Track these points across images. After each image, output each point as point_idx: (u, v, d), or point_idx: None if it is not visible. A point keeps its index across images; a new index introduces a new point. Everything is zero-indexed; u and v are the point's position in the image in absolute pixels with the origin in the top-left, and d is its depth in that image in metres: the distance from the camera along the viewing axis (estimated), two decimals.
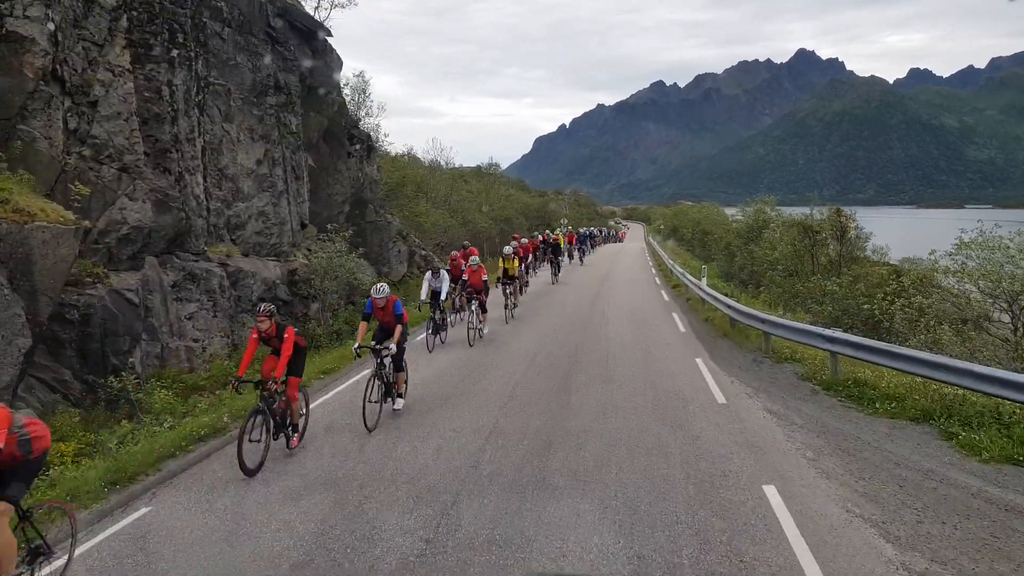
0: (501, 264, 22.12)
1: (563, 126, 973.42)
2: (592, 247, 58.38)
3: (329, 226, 24.22)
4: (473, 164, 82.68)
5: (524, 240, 31.71)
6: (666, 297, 27.41)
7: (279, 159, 23.02)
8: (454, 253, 23.06)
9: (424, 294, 17.61)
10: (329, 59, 27.58)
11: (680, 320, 21.17)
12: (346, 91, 37.56)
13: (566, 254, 42.84)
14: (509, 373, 14.35)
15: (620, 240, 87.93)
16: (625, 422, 10.80)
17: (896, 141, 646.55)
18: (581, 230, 56.42)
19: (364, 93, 37.56)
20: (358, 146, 29.94)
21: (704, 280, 23.56)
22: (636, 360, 15.38)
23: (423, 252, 40.76)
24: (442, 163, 69.95)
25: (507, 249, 22.54)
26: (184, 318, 17.97)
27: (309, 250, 24.38)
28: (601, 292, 28.63)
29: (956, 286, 19.48)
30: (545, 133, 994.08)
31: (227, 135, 20.74)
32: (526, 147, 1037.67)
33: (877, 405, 11.47)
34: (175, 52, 18.31)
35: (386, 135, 45.23)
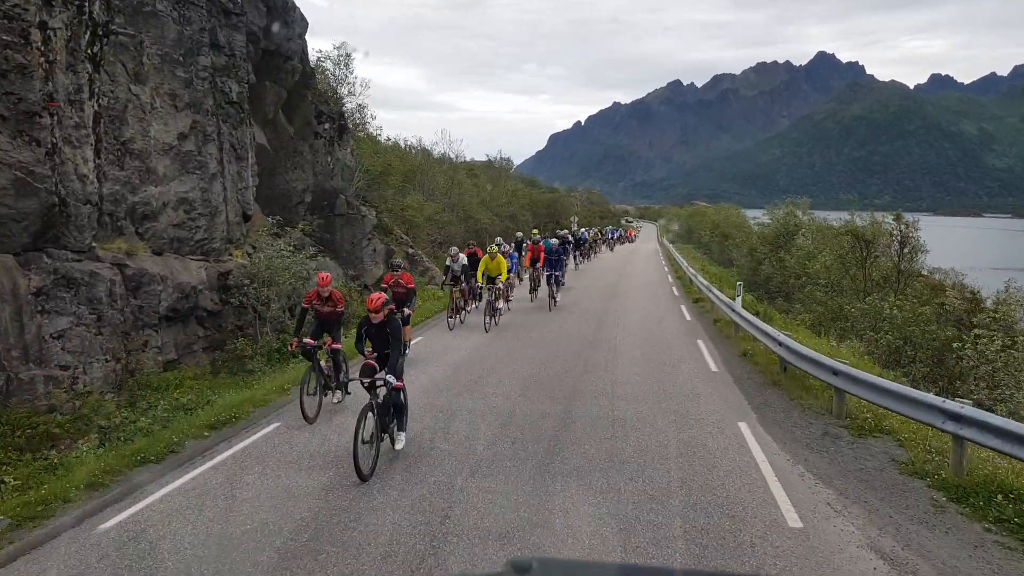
0: None
1: (578, 123, 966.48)
2: (584, 256, 41.75)
3: (271, 219, 19.70)
4: (487, 159, 78.22)
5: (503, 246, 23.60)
6: (687, 315, 22.76)
7: (213, 134, 18.50)
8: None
9: None
10: (290, 18, 23.04)
11: (709, 353, 16.54)
12: (326, 64, 33.10)
13: (525, 281, 27.29)
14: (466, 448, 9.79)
15: (630, 239, 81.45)
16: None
17: (914, 147, 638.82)
18: (554, 237, 30.99)
19: (347, 68, 32.96)
20: (327, 125, 25.39)
21: (739, 301, 18.92)
22: (654, 424, 10.78)
23: (410, 250, 36.41)
24: (452, 156, 65.73)
25: None
26: (50, 337, 13.44)
27: (254, 247, 19.88)
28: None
29: None
30: (560, 130, 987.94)
31: (135, 100, 16.22)
32: (541, 143, 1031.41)
33: None
34: None
35: (373, 117, 40.59)
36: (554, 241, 26.59)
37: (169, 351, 16.40)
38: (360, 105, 35.25)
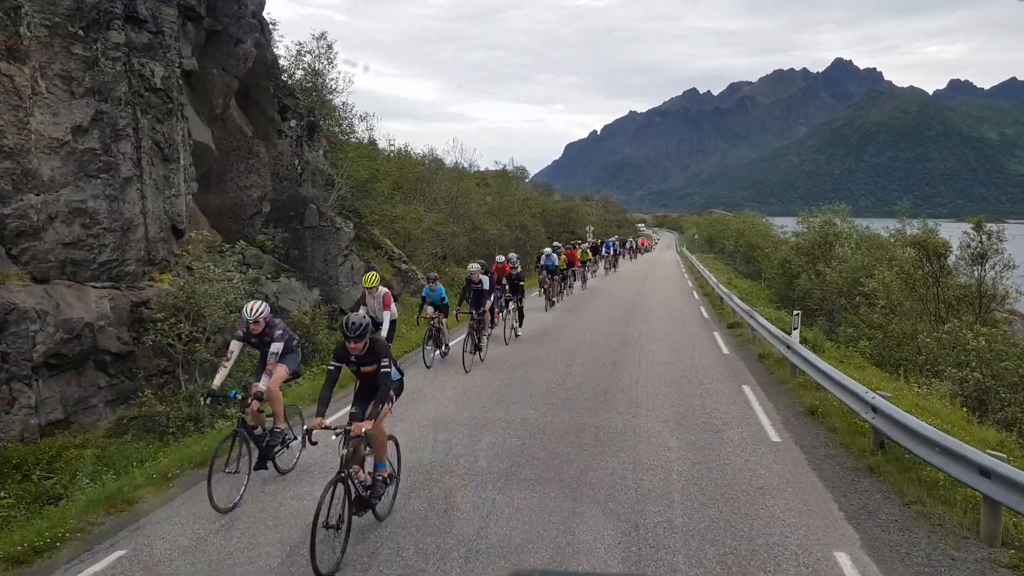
0: None
1: (594, 132, 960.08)
2: (563, 286, 29.29)
3: (194, 233, 15.86)
4: (500, 168, 74.21)
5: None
6: (723, 346, 18.73)
7: (127, 128, 14.70)
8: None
9: None
10: None
11: (762, 407, 12.48)
12: (306, 59, 29.31)
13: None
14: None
15: (644, 248, 73.35)
16: None
17: (935, 153, 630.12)
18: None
19: (329, 62, 29.06)
20: (294, 122, 21.60)
21: (796, 335, 14.87)
22: (703, 560, 6.80)
23: (404, 265, 32.65)
24: (465, 165, 62.08)
25: None
26: None
27: (190, 269, 16.03)
28: None
29: None
30: (576, 139, 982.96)
31: (7, 82, 12.44)
32: (557, 153, 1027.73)
33: None
34: None
35: (362, 118, 36.48)
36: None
37: (52, 409, 12.58)
38: (345, 103, 31.44)
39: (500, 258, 21.49)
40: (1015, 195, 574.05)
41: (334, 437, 6.82)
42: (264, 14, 21.46)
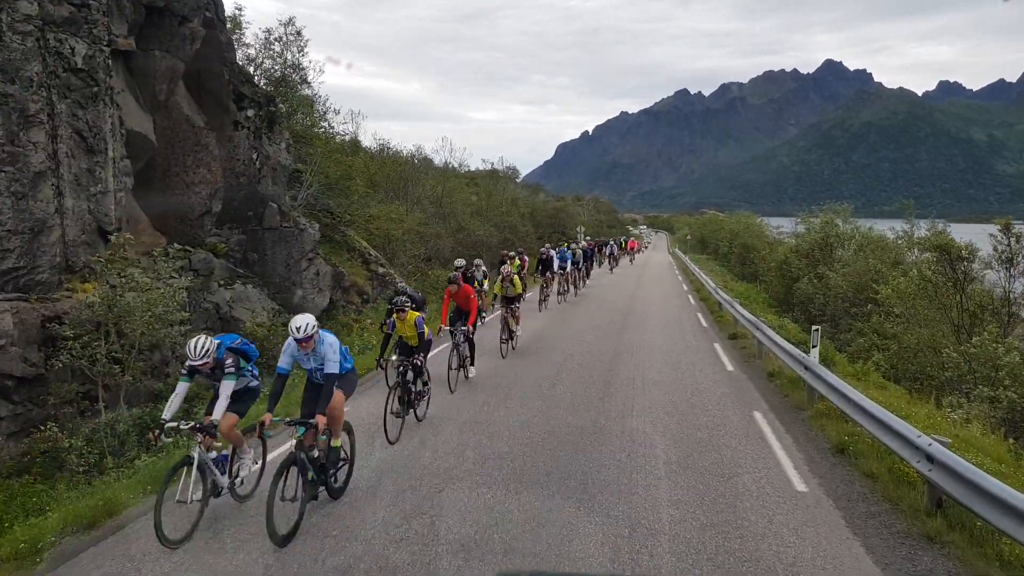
0: None
1: (586, 133, 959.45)
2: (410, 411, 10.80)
3: (114, 236, 13.81)
4: (490, 168, 72.25)
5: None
6: (727, 362, 16.75)
7: (40, 114, 12.70)
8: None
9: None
10: None
11: (779, 441, 10.50)
12: (275, 47, 27.29)
13: None
14: None
15: (631, 252, 61.68)
16: None
17: (924, 154, 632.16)
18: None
19: (300, 51, 27.02)
20: (252, 112, 19.57)
21: (815, 353, 12.97)
22: None
23: (381, 269, 30.67)
24: (455, 164, 60.27)
25: None
26: None
27: (122, 275, 13.99)
28: None
29: None
30: (568, 140, 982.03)
31: None
32: (549, 153, 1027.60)
33: None
34: None
35: (336, 111, 34.83)
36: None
37: None
38: (317, 95, 29.40)
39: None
40: (1003, 195, 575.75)
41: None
42: (239, 6, 19.44)
